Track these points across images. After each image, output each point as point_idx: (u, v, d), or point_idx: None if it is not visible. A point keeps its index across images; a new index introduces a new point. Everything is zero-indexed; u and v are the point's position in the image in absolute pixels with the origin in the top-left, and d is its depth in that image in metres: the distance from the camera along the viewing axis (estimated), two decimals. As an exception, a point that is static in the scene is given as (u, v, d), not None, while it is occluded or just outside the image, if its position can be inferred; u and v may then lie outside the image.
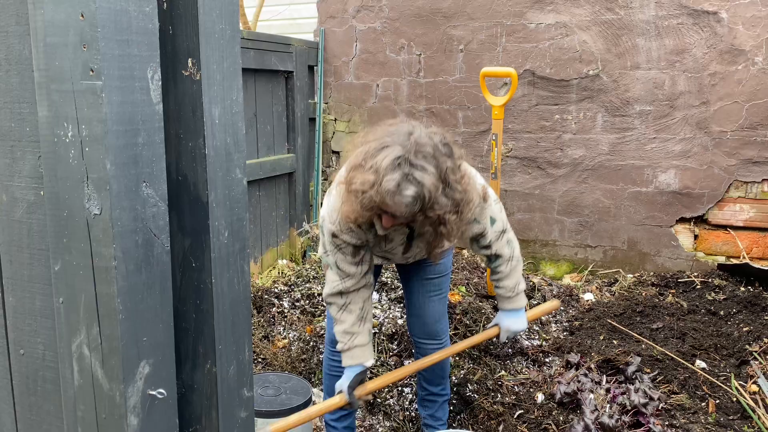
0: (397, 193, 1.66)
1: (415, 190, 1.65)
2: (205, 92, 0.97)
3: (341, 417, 2.38)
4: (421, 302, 2.33)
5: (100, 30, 0.80)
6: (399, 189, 1.65)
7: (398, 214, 1.73)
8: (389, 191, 1.66)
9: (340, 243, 2.00)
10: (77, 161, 0.84)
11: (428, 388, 2.50)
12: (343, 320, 2.07)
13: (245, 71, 4.06)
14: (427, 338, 2.38)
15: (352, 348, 2.07)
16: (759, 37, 3.76)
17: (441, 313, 2.38)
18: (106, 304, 0.87)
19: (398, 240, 2.07)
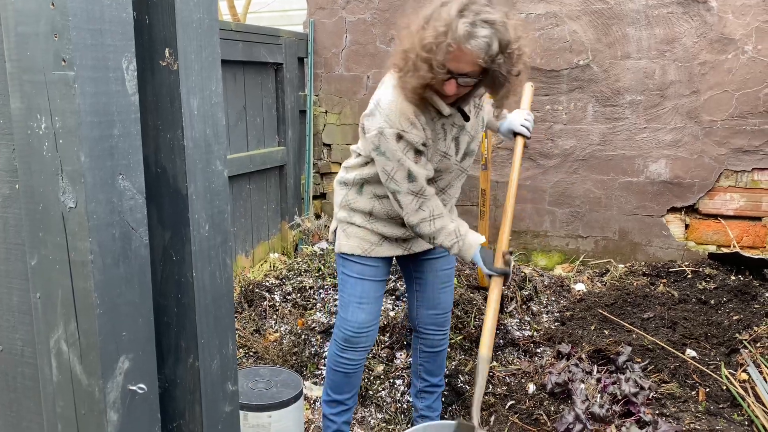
0: (472, 35, 1.70)
1: (489, 30, 1.71)
2: (182, 82, 0.95)
3: (341, 411, 2.37)
4: (436, 294, 2.36)
5: (71, 19, 0.78)
6: (473, 31, 1.70)
7: (473, 61, 1.74)
8: (465, 34, 1.70)
9: (404, 146, 1.93)
10: (51, 154, 0.83)
11: (428, 379, 2.51)
12: (440, 227, 2.01)
13: (234, 63, 4.03)
14: (435, 328, 2.41)
15: (465, 238, 2.03)
16: (749, 26, 3.75)
17: (450, 305, 2.44)
18: (84, 298, 0.85)
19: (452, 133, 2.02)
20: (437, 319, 2.39)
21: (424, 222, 2.01)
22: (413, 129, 1.92)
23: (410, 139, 1.92)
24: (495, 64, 1.76)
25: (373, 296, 2.23)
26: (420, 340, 2.45)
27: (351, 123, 4.85)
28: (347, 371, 2.28)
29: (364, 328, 2.23)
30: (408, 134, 1.91)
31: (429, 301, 2.37)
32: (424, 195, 1.99)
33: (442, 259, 2.33)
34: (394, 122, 1.91)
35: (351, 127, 4.86)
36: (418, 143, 1.93)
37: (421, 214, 2.00)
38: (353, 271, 2.21)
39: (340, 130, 4.91)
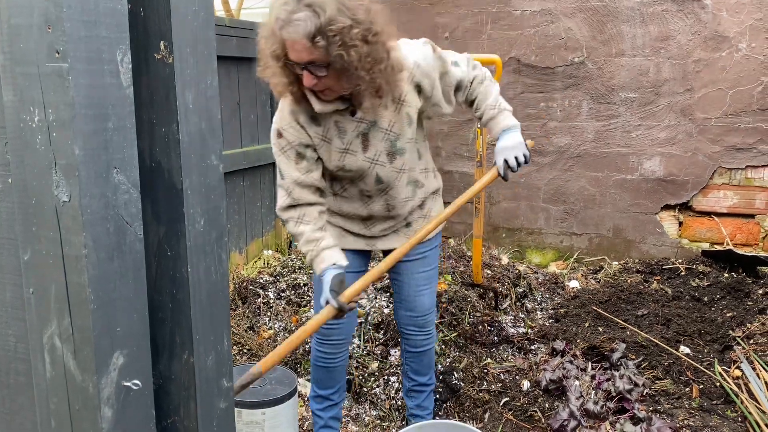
0: (289, 21, 1.64)
1: (305, 13, 1.63)
2: (178, 76, 0.94)
3: (327, 407, 2.37)
4: (413, 297, 2.31)
5: (65, 10, 0.77)
6: (290, 16, 1.64)
7: (299, 48, 1.66)
8: (283, 21, 1.64)
9: (284, 144, 1.95)
10: (44, 147, 0.82)
11: (415, 378, 2.50)
12: (302, 231, 2.00)
13: (228, 59, 4.01)
14: (416, 328, 2.38)
15: (320, 253, 1.98)
16: (743, 24, 3.76)
17: (431, 305, 2.37)
18: (77, 293, 0.84)
19: (350, 129, 1.95)
20: (416, 321, 2.35)
21: (291, 220, 2.02)
22: (290, 128, 1.94)
23: (287, 137, 1.95)
24: (323, 48, 1.66)
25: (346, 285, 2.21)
26: (404, 340, 2.44)
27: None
28: (326, 365, 2.29)
29: (335, 321, 2.17)
30: (285, 131, 1.95)
31: (406, 302, 2.33)
32: (292, 195, 1.99)
33: (419, 261, 2.27)
34: (277, 120, 1.97)
35: (345, 123, 4.85)
36: (295, 143, 1.94)
37: (291, 212, 2.01)
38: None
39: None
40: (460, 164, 4.56)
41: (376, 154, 2.00)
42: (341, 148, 1.97)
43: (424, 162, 2.17)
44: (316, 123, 1.94)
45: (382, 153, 2.01)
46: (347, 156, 1.99)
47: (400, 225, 2.21)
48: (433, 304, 2.39)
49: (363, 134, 1.97)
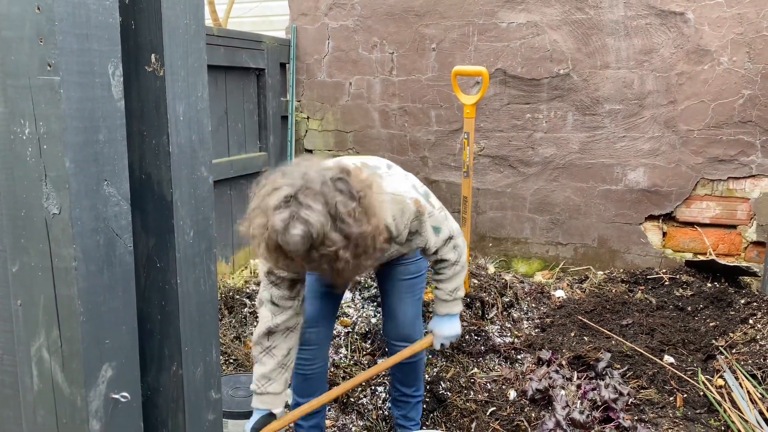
0: (285, 232, 1.63)
1: (302, 228, 1.61)
2: (168, 88, 0.95)
3: (308, 415, 2.36)
4: (395, 304, 2.31)
5: (57, 24, 0.77)
6: (287, 228, 1.62)
7: (293, 256, 1.68)
8: (278, 231, 1.63)
9: (275, 279, 1.97)
10: (35, 159, 0.82)
11: (401, 389, 2.50)
12: (264, 363, 2.02)
13: (216, 68, 4.01)
14: (401, 341, 2.36)
15: (264, 393, 2.03)
16: (724, 38, 3.83)
17: (415, 315, 2.36)
18: (67, 306, 0.84)
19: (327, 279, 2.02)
20: (399, 331, 2.35)
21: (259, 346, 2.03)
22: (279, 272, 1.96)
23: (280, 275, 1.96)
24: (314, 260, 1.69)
25: (319, 291, 2.21)
26: (391, 352, 2.43)
27: (333, 129, 4.85)
28: (304, 372, 2.28)
29: (308, 324, 2.18)
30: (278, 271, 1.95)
31: (390, 310, 2.33)
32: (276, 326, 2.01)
33: (402, 266, 2.27)
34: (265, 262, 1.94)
35: (333, 133, 4.86)
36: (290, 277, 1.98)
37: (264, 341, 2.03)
38: None
39: (321, 136, 4.91)
40: (447, 174, 4.58)
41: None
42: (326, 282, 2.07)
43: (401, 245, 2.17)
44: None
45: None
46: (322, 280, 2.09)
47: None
48: (417, 314, 2.38)
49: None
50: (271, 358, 2.02)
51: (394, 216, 1.94)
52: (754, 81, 3.81)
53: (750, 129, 3.86)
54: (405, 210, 1.97)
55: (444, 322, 2.26)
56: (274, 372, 2.02)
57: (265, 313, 2.02)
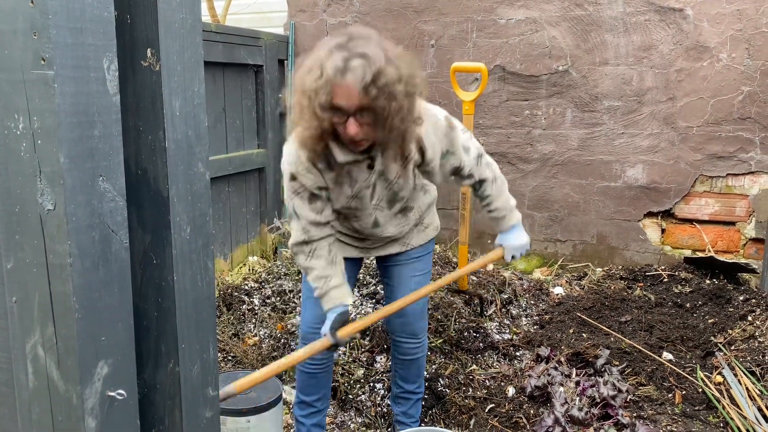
0: (344, 69, 1.69)
1: (361, 61, 1.69)
2: (165, 83, 0.94)
3: (311, 414, 2.36)
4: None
5: (51, 17, 0.76)
6: (345, 64, 1.69)
7: (352, 95, 1.71)
8: (337, 69, 1.69)
9: (298, 187, 2.00)
10: (29, 154, 0.81)
11: (403, 385, 2.49)
12: (313, 266, 2.06)
13: (214, 65, 3.99)
14: (407, 336, 2.38)
15: (328, 291, 2.05)
16: (723, 34, 3.82)
17: (422, 311, 2.37)
18: (62, 302, 0.84)
19: (362, 179, 2.00)
20: (406, 328, 2.36)
21: (301, 254, 2.08)
22: (307, 173, 1.98)
23: (302, 181, 1.98)
24: (373, 96, 1.71)
25: None
26: (394, 347, 2.44)
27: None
28: (309, 371, 2.29)
29: (315, 326, 2.19)
30: (300, 176, 1.98)
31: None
32: (308, 234, 2.05)
33: (411, 265, 2.29)
34: (291, 163, 1.99)
35: (331, 130, 4.84)
36: (312, 187, 1.99)
37: (303, 247, 2.07)
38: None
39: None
40: (446, 171, 4.58)
41: (379, 201, 2.09)
42: (349, 195, 2.04)
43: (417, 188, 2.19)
44: (330, 168, 1.98)
45: (384, 199, 2.10)
46: (354, 200, 2.06)
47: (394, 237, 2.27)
48: (424, 311, 2.40)
49: (372, 184, 2.05)
50: (318, 259, 2.05)
51: (427, 130, 2.00)
52: (754, 78, 3.80)
53: (749, 126, 3.86)
54: (437, 125, 2.03)
55: (510, 234, 2.34)
56: (327, 269, 2.06)
57: (295, 225, 2.07)
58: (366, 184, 2.03)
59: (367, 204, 2.08)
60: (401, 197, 2.12)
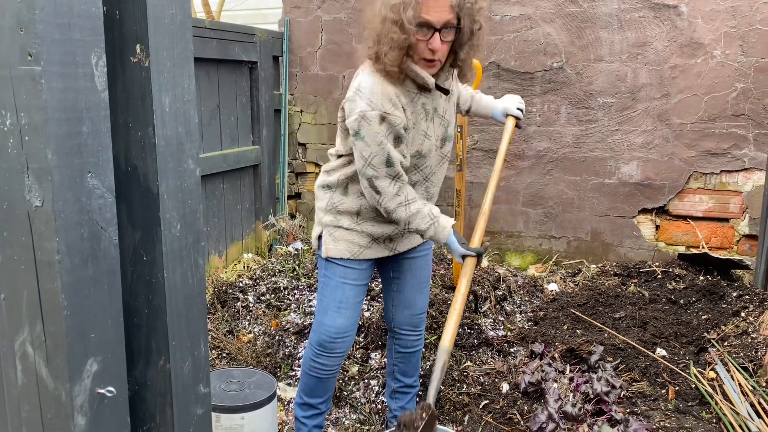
0: None
1: None
2: (154, 80, 0.93)
3: (313, 415, 2.35)
4: (413, 295, 2.36)
5: (38, 12, 0.76)
6: None
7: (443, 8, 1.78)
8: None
9: (386, 130, 1.90)
10: (16, 150, 0.80)
11: (403, 380, 2.50)
12: (417, 210, 2.01)
13: (208, 61, 3.98)
14: (411, 328, 2.42)
15: (437, 221, 2.04)
16: (717, 31, 3.83)
17: (426, 306, 2.44)
18: (50, 300, 0.83)
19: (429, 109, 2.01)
20: (413, 320, 2.39)
21: (400, 207, 1.99)
22: (395, 110, 1.90)
23: (392, 122, 1.90)
24: (460, 12, 1.83)
25: (353, 301, 2.20)
26: (395, 340, 2.45)
27: (326, 122, 4.83)
28: (321, 376, 2.25)
29: (341, 334, 2.19)
30: (390, 116, 1.89)
31: (406, 301, 2.36)
32: (401, 179, 1.98)
33: (420, 259, 2.33)
34: (376, 104, 1.88)
35: (326, 126, 4.84)
36: (400, 125, 1.92)
37: (398, 198, 1.99)
38: (336, 274, 2.17)
39: (315, 130, 4.89)
40: (441, 168, 4.58)
41: (436, 138, 2.08)
42: (424, 130, 2.02)
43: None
44: (413, 105, 1.97)
45: (438, 138, 2.09)
46: (425, 141, 2.04)
47: None
48: (427, 302, 2.45)
49: (432, 120, 2.05)
50: (415, 203, 2.02)
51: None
52: (747, 74, 3.81)
53: (743, 122, 3.87)
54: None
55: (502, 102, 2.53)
56: (426, 206, 2.05)
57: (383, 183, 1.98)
58: (431, 117, 2.02)
59: (433, 142, 2.07)
60: (450, 135, 2.14)
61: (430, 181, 2.16)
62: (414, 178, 2.11)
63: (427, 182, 2.15)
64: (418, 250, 2.32)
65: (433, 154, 2.09)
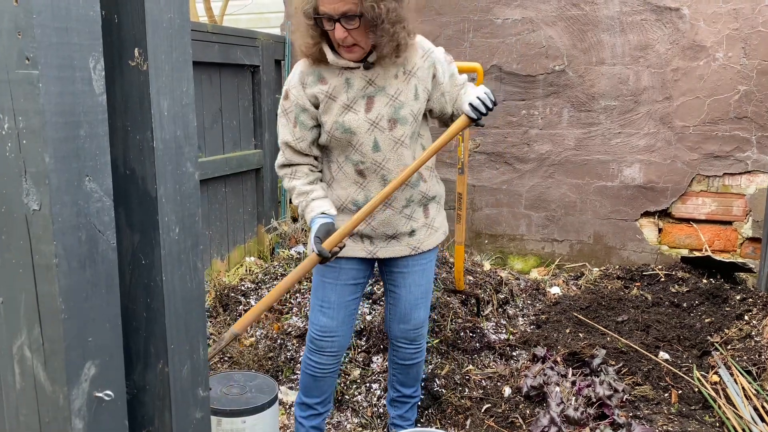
0: None
1: None
2: (152, 83, 0.94)
3: (311, 416, 2.35)
4: (409, 310, 2.30)
5: (35, 17, 0.76)
6: None
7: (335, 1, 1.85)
8: None
9: (288, 106, 2.09)
10: (14, 154, 0.81)
11: (401, 389, 2.48)
12: (293, 186, 2.13)
13: (210, 65, 3.99)
14: (407, 342, 2.37)
15: (309, 203, 2.09)
16: (719, 33, 3.82)
17: (424, 318, 2.36)
18: (48, 303, 0.83)
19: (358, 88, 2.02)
20: (409, 334, 2.34)
21: (285, 177, 2.16)
22: (294, 90, 2.07)
23: (291, 98, 2.08)
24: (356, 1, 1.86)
25: (338, 301, 2.18)
26: (394, 351, 2.42)
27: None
28: (315, 374, 2.26)
29: (327, 333, 2.19)
30: (291, 92, 2.08)
31: (402, 316, 2.31)
32: (285, 155, 2.14)
33: (417, 273, 2.25)
34: (289, 82, 2.10)
35: (328, 130, 4.84)
36: (297, 103, 2.07)
37: (285, 170, 2.16)
38: (317, 272, 2.21)
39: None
40: (444, 171, 4.57)
41: (378, 117, 2.04)
42: (345, 104, 2.04)
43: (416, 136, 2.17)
44: (323, 82, 2.05)
45: (384, 118, 2.04)
46: (348, 113, 2.03)
47: (402, 230, 2.17)
48: (426, 317, 2.37)
49: (369, 96, 2.05)
50: (298, 179, 2.13)
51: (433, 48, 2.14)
52: (750, 77, 3.80)
53: (745, 125, 3.86)
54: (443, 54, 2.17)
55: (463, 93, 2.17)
56: (307, 186, 2.12)
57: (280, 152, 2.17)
58: (362, 93, 2.03)
59: (362, 117, 2.02)
60: (403, 117, 2.04)
61: (385, 168, 2.07)
62: (354, 157, 2.07)
63: (382, 169, 2.07)
64: (414, 264, 2.23)
65: (368, 128, 2.03)
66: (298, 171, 2.14)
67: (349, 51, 1.97)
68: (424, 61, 2.08)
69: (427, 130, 2.23)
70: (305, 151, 2.12)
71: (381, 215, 2.14)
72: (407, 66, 2.06)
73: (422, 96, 2.09)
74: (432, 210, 2.24)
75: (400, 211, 2.15)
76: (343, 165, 2.11)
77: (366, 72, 2.03)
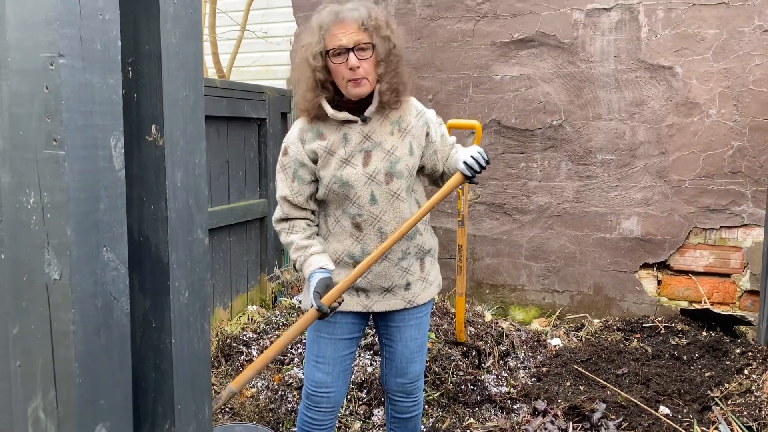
0: (343, 9, 2.00)
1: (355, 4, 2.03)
2: (168, 157, 1.00)
3: None
4: (405, 364, 2.31)
5: (64, 102, 0.83)
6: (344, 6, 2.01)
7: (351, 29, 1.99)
8: (333, 11, 2.00)
9: (286, 162, 2.15)
10: (38, 227, 0.86)
11: None
12: (291, 241, 2.16)
13: (219, 119, 4.10)
14: (404, 395, 2.36)
15: (308, 258, 2.11)
16: (712, 91, 3.93)
17: (421, 371, 2.36)
18: (64, 368, 0.87)
19: (355, 143, 2.09)
20: (405, 388, 2.34)
21: (282, 231, 2.20)
22: (293, 146, 2.14)
23: (290, 154, 2.14)
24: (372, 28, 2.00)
25: (332, 356, 2.19)
26: (390, 405, 2.42)
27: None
28: (311, 429, 2.24)
29: (322, 389, 2.19)
30: (290, 148, 2.15)
31: (398, 370, 2.31)
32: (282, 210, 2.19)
33: (412, 328, 2.27)
34: (286, 138, 2.18)
35: (331, 180, 4.92)
36: (295, 160, 2.13)
37: (282, 224, 2.21)
38: (312, 326, 2.19)
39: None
40: (445, 221, 4.63)
41: (375, 171, 2.10)
42: (343, 158, 2.10)
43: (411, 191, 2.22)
44: (322, 138, 2.12)
45: (381, 172, 2.10)
46: (346, 167, 2.09)
47: (398, 283, 2.19)
48: (423, 369, 2.37)
49: (366, 151, 2.11)
50: (295, 234, 2.17)
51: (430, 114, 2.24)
52: (743, 133, 3.89)
53: (740, 179, 3.93)
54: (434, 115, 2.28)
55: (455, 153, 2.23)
56: (305, 240, 2.15)
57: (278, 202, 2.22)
58: (359, 148, 2.10)
59: (360, 171, 2.08)
60: (399, 172, 2.10)
61: (382, 220, 2.12)
62: (351, 210, 2.12)
63: (379, 222, 2.12)
64: (409, 318, 2.25)
65: (365, 181, 2.09)
66: (295, 225, 2.17)
67: (356, 84, 2.02)
68: (417, 120, 2.18)
69: (420, 186, 2.29)
70: (303, 205, 2.16)
71: (377, 267, 2.17)
72: (402, 124, 2.15)
73: (417, 152, 2.17)
74: (427, 263, 2.27)
75: (397, 263, 2.18)
76: (340, 218, 2.15)
77: (363, 127, 2.11)
